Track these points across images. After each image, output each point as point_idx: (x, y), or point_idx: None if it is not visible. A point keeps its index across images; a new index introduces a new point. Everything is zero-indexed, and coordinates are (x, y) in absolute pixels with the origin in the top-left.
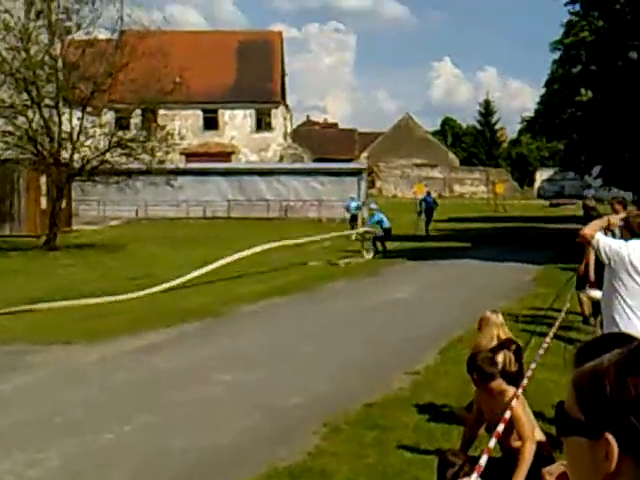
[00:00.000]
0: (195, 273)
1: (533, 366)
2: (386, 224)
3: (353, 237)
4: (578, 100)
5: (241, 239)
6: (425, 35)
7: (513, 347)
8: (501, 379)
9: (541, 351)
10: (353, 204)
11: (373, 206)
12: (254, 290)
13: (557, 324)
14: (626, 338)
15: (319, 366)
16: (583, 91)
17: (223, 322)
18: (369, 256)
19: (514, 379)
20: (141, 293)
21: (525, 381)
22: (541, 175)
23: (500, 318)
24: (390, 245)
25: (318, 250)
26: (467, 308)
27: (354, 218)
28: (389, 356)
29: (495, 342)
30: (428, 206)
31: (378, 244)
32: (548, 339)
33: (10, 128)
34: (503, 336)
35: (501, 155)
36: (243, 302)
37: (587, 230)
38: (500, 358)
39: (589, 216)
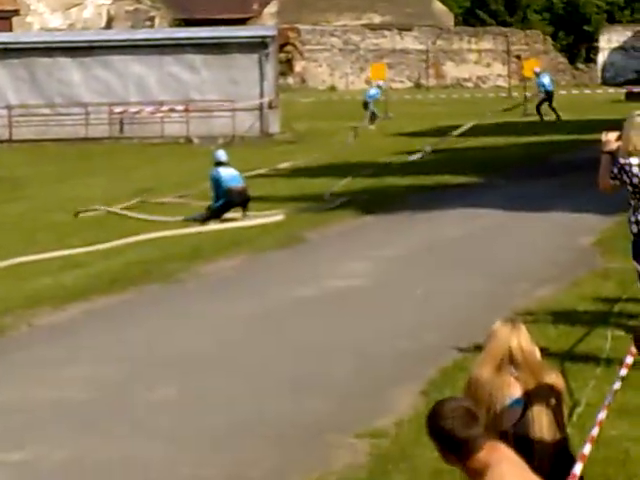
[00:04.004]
0: None
1: (601, 416)
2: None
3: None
4: None
5: (30, 196)
6: None
7: (551, 399)
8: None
9: (616, 384)
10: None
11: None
12: (59, 282)
13: None
14: None
15: (192, 430)
16: None
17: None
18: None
19: (554, 453)
20: None
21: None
22: (609, 40)
23: (521, 335)
24: (323, 184)
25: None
26: (474, 306)
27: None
28: (327, 404)
29: (507, 383)
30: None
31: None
32: (629, 359)
33: None
34: (527, 373)
35: (533, 5)
36: (37, 308)
37: (601, 181)
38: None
39: None
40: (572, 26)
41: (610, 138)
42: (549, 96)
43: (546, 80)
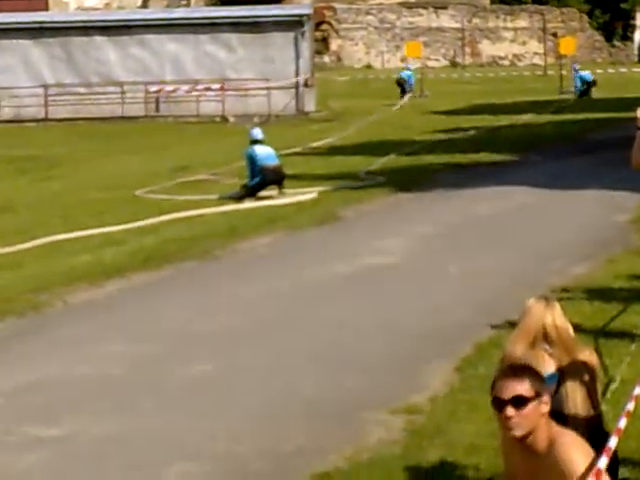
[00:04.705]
0: None
1: (638, 390)
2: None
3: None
4: None
5: (65, 174)
6: None
7: (585, 375)
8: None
9: None
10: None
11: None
12: (96, 260)
13: None
14: None
15: (227, 406)
16: None
17: (33, 328)
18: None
19: (587, 429)
20: None
21: (614, 440)
22: None
23: (555, 312)
24: (363, 162)
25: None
26: (508, 283)
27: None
28: (361, 380)
29: (541, 358)
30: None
31: None
32: None
33: None
34: (561, 349)
35: None
36: (73, 285)
37: (634, 158)
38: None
39: None
40: (608, 4)
41: None
42: (589, 86)
43: (585, 73)
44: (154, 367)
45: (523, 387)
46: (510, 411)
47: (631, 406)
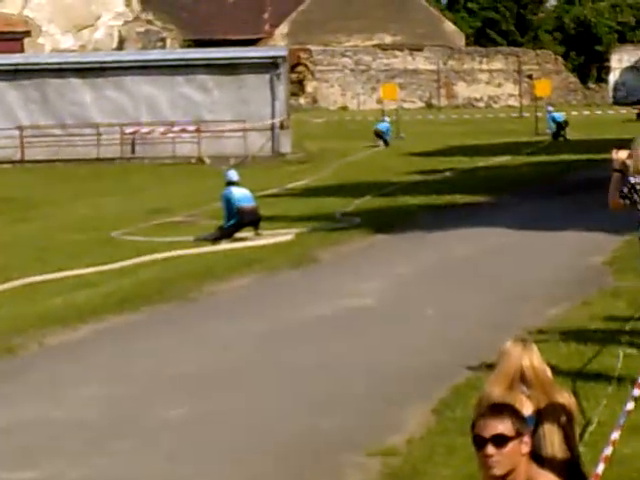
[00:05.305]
0: None
1: (615, 435)
2: None
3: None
4: None
5: (42, 216)
6: None
7: (562, 418)
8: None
9: (630, 405)
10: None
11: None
12: (71, 302)
13: None
14: None
15: (202, 450)
16: None
17: (8, 370)
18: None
19: (565, 472)
20: None
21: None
22: (620, 60)
23: (532, 354)
24: (339, 203)
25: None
26: (485, 325)
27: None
28: (338, 422)
29: (518, 401)
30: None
31: None
32: None
33: None
34: (538, 391)
35: (544, 24)
36: (49, 327)
37: (611, 200)
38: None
39: None
40: (583, 46)
41: (620, 156)
42: (561, 127)
43: (557, 114)
44: (129, 410)
45: (504, 426)
46: (491, 449)
47: (609, 451)
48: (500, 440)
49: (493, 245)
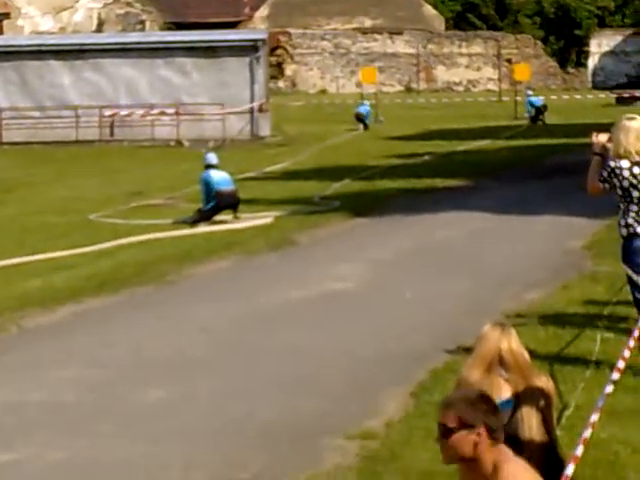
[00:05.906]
0: None
1: (594, 417)
2: None
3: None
4: None
5: (20, 198)
6: None
7: (541, 401)
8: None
9: (608, 388)
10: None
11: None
12: (49, 284)
13: (638, 333)
14: None
15: (181, 433)
16: None
17: None
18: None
19: (542, 455)
20: None
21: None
22: (600, 45)
23: (511, 337)
24: (318, 187)
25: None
26: (463, 308)
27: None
28: (316, 406)
29: (496, 384)
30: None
31: None
32: (621, 364)
33: None
34: (516, 375)
35: (524, 8)
36: (28, 309)
37: (590, 184)
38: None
39: None
40: (563, 30)
41: (600, 139)
42: (539, 112)
43: (535, 99)
44: (108, 392)
45: (448, 418)
46: (439, 438)
47: (587, 434)
48: (445, 431)
49: (472, 229)
